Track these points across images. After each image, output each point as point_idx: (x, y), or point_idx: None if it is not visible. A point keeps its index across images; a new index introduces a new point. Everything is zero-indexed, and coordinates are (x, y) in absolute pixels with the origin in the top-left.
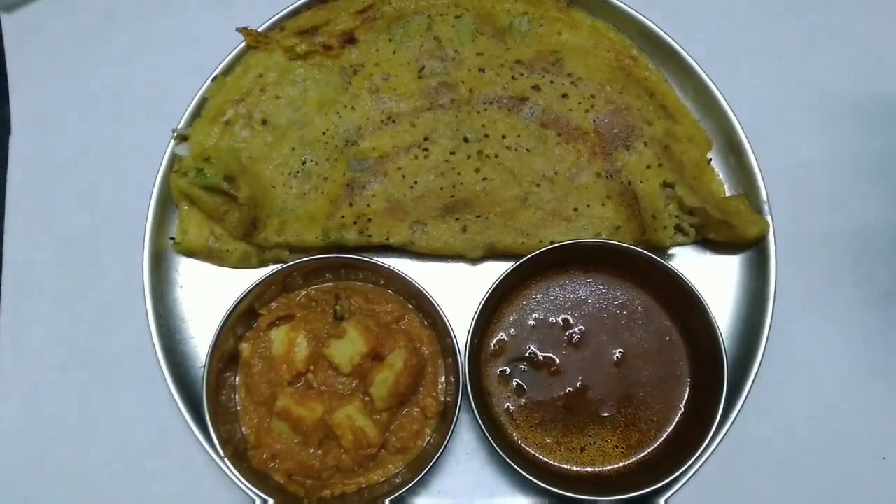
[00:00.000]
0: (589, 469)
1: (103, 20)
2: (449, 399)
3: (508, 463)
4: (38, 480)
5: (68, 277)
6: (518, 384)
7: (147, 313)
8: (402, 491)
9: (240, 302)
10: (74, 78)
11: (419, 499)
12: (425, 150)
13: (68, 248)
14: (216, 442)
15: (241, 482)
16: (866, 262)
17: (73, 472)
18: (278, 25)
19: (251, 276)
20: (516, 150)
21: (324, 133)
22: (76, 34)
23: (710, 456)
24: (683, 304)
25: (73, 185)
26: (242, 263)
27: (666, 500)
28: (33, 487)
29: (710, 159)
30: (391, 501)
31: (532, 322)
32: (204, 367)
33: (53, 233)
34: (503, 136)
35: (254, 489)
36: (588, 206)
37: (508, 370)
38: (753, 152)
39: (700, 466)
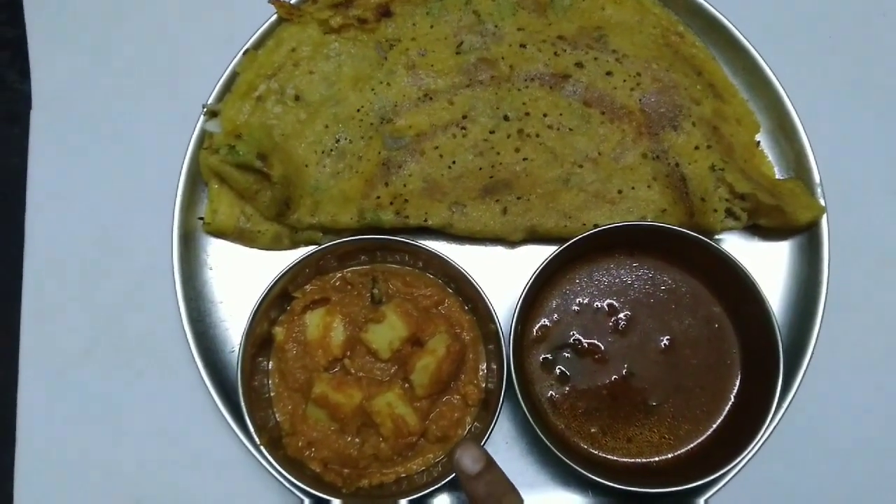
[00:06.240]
0: (637, 460)
1: None
2: (491, 386)
3: (552, 452)
4: (64, 471)
5: (92, 259)
6: (561, 371)
7: (176, 296)
8: (443, 482)
9: (274, 285)
10: (98, 52)
11: (457, 489)
12: (463, 128)
13: (92, 229)
14: (252, 429)
15: (277, 471)
16: None
17: (100, 462)
18: None
19: (282, 258)
20: (558, 129)
21: (358, 110)
22: (99, 6)
23: (755, 453)
24: (734, 289)
25: (97, 163)
26: (274, 245)
27: (706, 501)
28: (60, 478)
29: (759, 142)
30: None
31: (576, 307)
32: (239, 351)
33: (77, 212)
34: (544, 115)
35: (292, 479)
36: (633, 188)
37: (551, 357)
38: (806, 134)
39: (743, 465)
